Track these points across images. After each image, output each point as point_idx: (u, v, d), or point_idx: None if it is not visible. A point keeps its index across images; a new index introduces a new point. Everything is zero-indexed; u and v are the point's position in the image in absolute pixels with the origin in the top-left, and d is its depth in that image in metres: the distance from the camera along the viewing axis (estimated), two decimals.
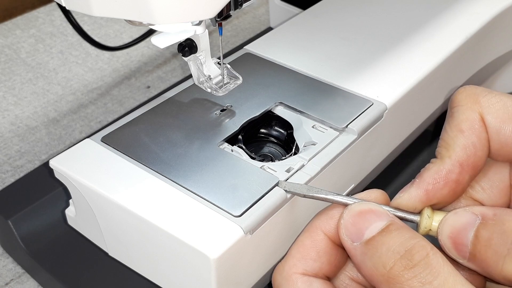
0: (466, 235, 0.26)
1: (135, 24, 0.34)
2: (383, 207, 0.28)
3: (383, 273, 0.25)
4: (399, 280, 0.25)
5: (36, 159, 0.55)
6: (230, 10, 0.35)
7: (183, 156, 0.36)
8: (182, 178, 0.34)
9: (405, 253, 0.25)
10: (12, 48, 0.71)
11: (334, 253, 0.29)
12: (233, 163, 0.35)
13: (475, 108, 0.29)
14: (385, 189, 0.29)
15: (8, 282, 0.45)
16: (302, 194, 0.32)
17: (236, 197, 0.33)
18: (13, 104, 0.62)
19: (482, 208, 0.27)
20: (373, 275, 0.26)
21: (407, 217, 0.28)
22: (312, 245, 0.29)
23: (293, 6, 0.64)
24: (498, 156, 0.29)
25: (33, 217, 0.45)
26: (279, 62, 0.44)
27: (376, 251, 0.26)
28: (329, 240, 0.29)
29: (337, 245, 0.29)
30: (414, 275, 0.24)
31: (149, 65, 0.68)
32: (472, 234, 0.26)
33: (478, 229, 0.26)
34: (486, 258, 0.25)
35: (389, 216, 0.27)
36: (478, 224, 0.26)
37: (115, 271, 0.41)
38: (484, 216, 0.26)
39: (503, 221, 0.26)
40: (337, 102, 0.40)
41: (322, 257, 0.29)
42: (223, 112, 0.39)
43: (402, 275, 0.25)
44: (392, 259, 0.25)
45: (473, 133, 0.28)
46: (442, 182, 0.28)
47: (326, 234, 0.29)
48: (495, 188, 0.30)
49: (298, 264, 0.28)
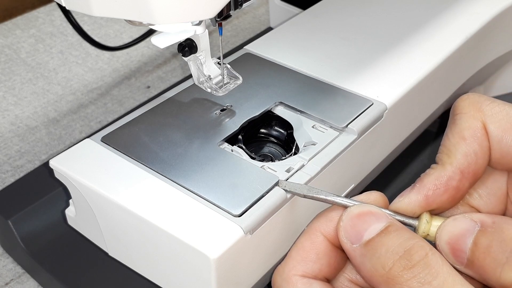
0: (464, 242, 0.26)
1: (135, 24, 0.34)
2: (382, 210, 0.28)
3: (382, 274, 0.25)
4: (399, 281, 0.25)
5: (36, 159, 0.55)
6: (230, 10, 0.35)
7: (183, 156, 0.36)
8: (182, 178, 0.34)
9: (404, 254, 0.25)
10: (12, 48, 0.71)
11: (334, 255, 0.29)
12: (233, 162, 0.35)
13: (478, 116, 0.29)
14: (385, 189, 0.29)
15: (8, 282, 0.45)
16: (302, 194, 0.32)
17: (236, 197, 0.33)
18: (13, 104, 0.62)
19: (481, 216, 0.27)
20: (372, 276, 0.26)
21: (405, 221, 0.28)
22: (312, 247, 0.29)
23: (293, 6, 0.63)
24: (498, 165, 0.29)
25: (33, 217, 0.45)
26: (279, 62, 0.44)
27: (375, 252, 0.26)
28: (329, 242, 0.29)
29: (336, 247, 0.29)
30: (413, 275, 0.24)
31: (149, 65, 0.68)
32: (471, 240, 0.26)
33: (478, 236, 0.26)
34: (484, 265, 0.25)
35: (388, 217, 0.27)
36: (477, 231, 0.26)
37: (115, 271, 0.41)
38: (483, 224, 0.26)
39: (502, 229, 0.26)
40: (337, 102, 0.40)
41: (322, 259, 0.29)
42: (223, 112, 0.39)
43: (401, 276, 0.25)
44: (391, 260, 0.25)
45: (475, 141, 0.28)
46: (443, 189, 0.28)
47: (326, 236, 0.29)
48: (492, 195, 0.30)
49: (298, 266, 0.29)
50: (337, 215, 0.28)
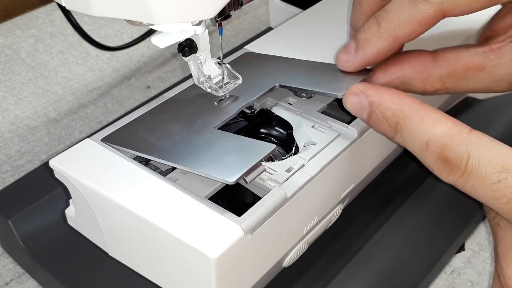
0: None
1: (135, 24, 0.34)
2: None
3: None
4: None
5: (36, 159, 0.55)
6: (230, 10, 0.35)
7: (180, 141, 0.35)
8: (179, 159, 0.34)
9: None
10: (12, 48, 0.71)
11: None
12: (229, 139, 0.35)
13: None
14: (385, 189, 0.29)
15: (8, 282, 0.45)
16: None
17: (230, 165, 0.33)
18: (13, 104, 0.62)
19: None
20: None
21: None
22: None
23: (293, 6, 0.63)
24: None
25: (33, 217, 0.45)
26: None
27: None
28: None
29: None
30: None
31: (149, 65, 0.68)
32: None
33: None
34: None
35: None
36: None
37: (115, 271, 0.41)
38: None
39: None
40: (336, 75, 0.40)
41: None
42: (222, 101, 0.39)
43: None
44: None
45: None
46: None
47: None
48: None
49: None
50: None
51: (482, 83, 0.37)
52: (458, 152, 0.30)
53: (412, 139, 0.32)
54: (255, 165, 0.33)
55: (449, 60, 0.37)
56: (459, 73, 0.37)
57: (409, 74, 0.38)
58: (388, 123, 0.33)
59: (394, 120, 0.32)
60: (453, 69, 0.37)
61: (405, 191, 0.46)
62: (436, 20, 0.34)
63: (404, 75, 0.38)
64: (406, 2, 0.34)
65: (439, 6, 0.33)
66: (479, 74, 0.37)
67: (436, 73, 0.38)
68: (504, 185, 0.29)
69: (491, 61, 0.37)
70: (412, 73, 0.38)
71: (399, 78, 0.38)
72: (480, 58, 0.37)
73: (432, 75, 0.38)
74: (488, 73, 0.37)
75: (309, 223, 0.37)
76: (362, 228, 0.44)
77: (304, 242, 0.38)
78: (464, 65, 0.37)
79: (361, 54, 0.37)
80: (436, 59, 0.38)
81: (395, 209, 0.46)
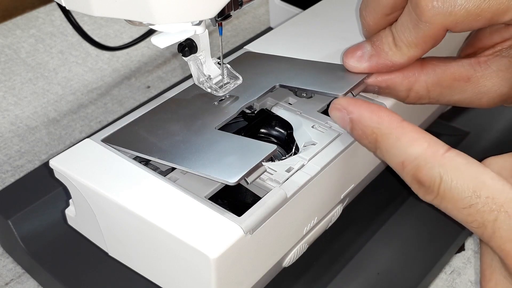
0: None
1: (135, 24, 0.34)
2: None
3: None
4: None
5: (36, 159, 0.55)
6: (230, 10, 0.35)
7: (181, 141, 0.35)
8: (180, 160, 0.34)
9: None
10: (12, 48, 0.71)
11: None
12: (230, 140, 0.35)
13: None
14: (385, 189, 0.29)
15: (8, 282, 0.45)
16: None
17: (231, 168, 0.33)
18: (13, 104, 0.62)
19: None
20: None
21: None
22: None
23: (293, 6, 0.63)
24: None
25: (33, 217, 0.45)
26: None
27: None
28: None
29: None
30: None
31: (149, 65, 0.68)
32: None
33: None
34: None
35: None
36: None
37: (115, 271, 0.41)
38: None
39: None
40: (336, 75, 0.40)
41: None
42: (222, 101, 0.39)
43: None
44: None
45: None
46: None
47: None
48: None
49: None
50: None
51: (466, 94, 0.38)
52: (431, 175, 0.30)
53: (390, 157, 0.32)
54: (256, 166, 0.33)
55: (437, 68, 0.38)
56: (445, 82, 0.38)
57: (396, 77, 0.38)
58: (368, 140, 0.33)
59: (373, 137, 0.33)
60: (440, 78, 0.38)
61: (405, 191, 0.46)
62: (442, 36, 0.35)
63: (391, 78, 0.38)
64: (409, 25, 0.35)
65: (441, 25, 0.34)
66: (464, 85, 0.38)
67: (422, 80, 0.38)
68: (475, 210, 0.29)
69: (477, 72, 0.38)
70: (400, 77, 0.38)
71: (386, 81, 0.38)
72: (467, 69, 0.38)
73: (418, 81, 0.38)
74: (473, 84, 0.38)
75: (309, 223, 0.37)
76: (362, 228, 0.44)
77: (304, 242, 0.38)
78: (451, 74, 0.38)
79: (375, 61, 0.38)
80: (424, 66, 0.38)
81: (395, 209, 0.46)
